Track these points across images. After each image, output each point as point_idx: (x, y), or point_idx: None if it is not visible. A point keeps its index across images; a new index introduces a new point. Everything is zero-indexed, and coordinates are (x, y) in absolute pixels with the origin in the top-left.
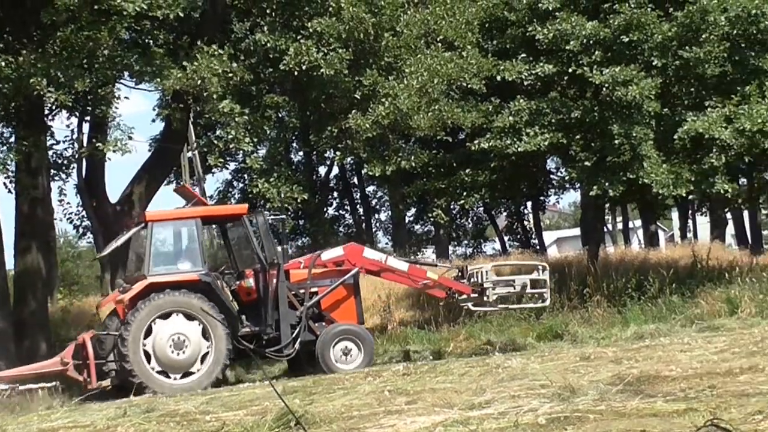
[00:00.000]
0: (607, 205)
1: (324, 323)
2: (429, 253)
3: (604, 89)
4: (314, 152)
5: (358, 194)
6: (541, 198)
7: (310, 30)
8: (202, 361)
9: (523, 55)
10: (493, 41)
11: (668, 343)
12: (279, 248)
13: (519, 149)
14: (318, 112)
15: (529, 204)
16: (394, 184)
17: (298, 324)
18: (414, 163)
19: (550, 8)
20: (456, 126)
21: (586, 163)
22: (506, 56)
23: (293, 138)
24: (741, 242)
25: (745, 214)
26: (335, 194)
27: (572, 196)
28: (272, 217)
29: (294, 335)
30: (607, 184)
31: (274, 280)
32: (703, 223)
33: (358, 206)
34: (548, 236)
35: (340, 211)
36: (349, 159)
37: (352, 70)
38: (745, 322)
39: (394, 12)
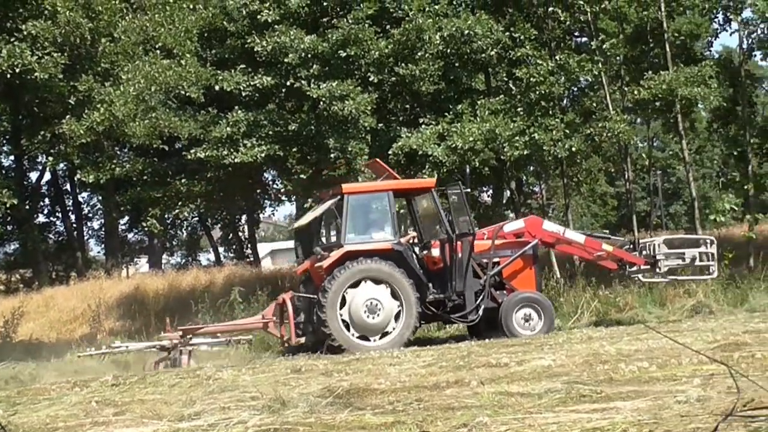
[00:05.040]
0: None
1: (504, 291)
2: (143, 262)
3: (321, 103)
4: (26, 157)
5: (71, 201)
6: (257, 209)
7: (25, 32)
8: (396, 320)
9: (242, 66)
10: (213, 51)
11: (378, 356)
12: (469, 219)
13: (236, 160)
14: (30, 116)
15: (244, 215)
16: (108, 192)
17: (482, 291)
18: (129, 170)
19: (270, 20)
20: (173, 135)
21: (302, 175)
22: (225, 66)
23: (4, 141)
24: None
25: None
26: (47, 200)
27: (288, 208)
28: (456, 190)
29: (477, 302)
30: None
31: (461, 250)
32: None
33: (70, 213)
34: (263, 248)
35: (51, 218)
36: (61, 165)
37: (68, 74)
38: (453, 337)
39: (111, 17)
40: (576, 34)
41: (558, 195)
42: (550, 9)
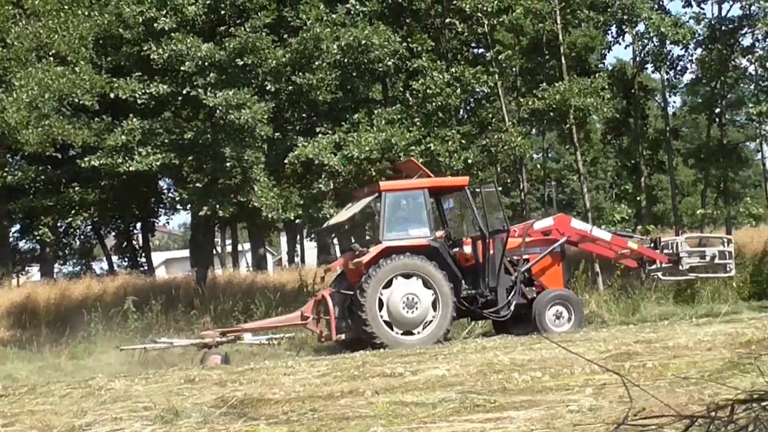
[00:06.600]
0: (217, 227)
1: (533, 288)
2: (35, 271)
3: (217, 111)
4: None
5: None
6: (151, 218)
7: None
8: (424, 327)
9: (138, 73)
10: (108, 58)
11: (272, 366)
12: (503, 216)
13: (131, 168)
14: None
15: (138, 224)
16: None
17: (513, 288)
18: (21, 178)
19: (166, 28)
20: (66, 142)
21: (198, 184)
22: (121, 74)
23: None
24: None
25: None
26: None
27: (183, 217)
28: (490, 188)
29: (509, 298)
30: (217, 205)
31: (494, 247)
32: (311, 247)
33: None
34: (157, 257)
35: None
36: None
37: None
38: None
39: (4, 23)
40: (473, 45)
41: None
42: (448, 20)
